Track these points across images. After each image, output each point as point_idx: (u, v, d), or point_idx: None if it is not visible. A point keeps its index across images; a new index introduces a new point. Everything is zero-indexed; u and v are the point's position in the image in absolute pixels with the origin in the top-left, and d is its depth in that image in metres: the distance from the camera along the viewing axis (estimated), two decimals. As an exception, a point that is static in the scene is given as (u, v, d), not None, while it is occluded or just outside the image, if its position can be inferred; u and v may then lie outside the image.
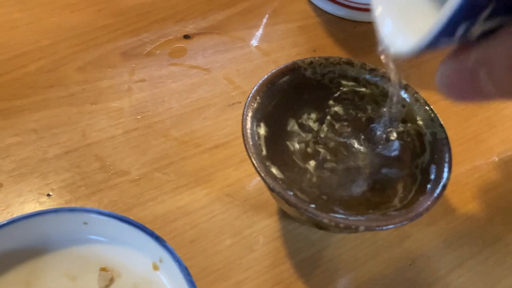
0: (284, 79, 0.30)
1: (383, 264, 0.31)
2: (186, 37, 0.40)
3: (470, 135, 0.37)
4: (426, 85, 0.35)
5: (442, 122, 0.29)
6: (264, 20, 0.42)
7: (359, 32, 0.43)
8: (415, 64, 0.41)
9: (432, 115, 0.29)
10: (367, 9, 0.43)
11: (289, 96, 0.30)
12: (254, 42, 0.41)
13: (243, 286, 0.29)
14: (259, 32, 0.41)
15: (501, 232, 0.33)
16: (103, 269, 0.27)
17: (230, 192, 0.32)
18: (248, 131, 0.27)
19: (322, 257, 0.30)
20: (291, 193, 0.26)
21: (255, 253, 0.30)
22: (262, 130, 0.28)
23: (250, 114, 0.28)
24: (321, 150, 0.31)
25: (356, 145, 0.31)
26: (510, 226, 0.33)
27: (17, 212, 0.30)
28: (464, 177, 0.35)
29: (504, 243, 0.33)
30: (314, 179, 0.29)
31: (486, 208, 0.34)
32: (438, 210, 0.33)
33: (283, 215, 0.32)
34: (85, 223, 0.26)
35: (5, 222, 0.25)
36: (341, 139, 0.31)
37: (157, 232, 0.30)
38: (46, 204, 0.30)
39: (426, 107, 0.29)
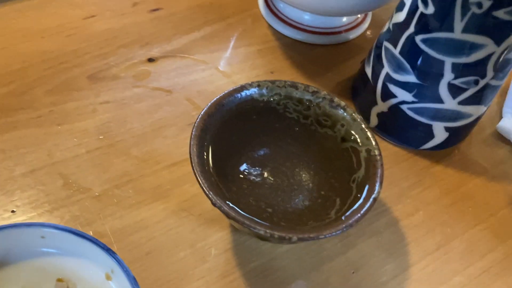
0: (233, 100, 0.32)
1: (327, 272, 0.33)
2: (151, 60, 0.42)
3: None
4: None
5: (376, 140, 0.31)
6: (227, 45, 0.45)
7: (315, 55, 0.45)
8: None
9: (368, 133, 0.32)
10: (322, 33, 0.46)
11: (237, 117, 0.32)
12: (216, 64, 0.43)
13: (194, 295, 0.31)
14: (221, 56, 0.44)
15: (441, 242, 0.35)
16: (59, 280, 0.29)
17: (186, 207, 0.34)
18: (195, 150, 0.29)
19: (270, 267, 0.32)
20: (234, 207, 0.28)
21: (207, 264, 0.32)
22: (209, 149, 0.30)
23: (198, 134, 0.30)
24: (268, 167, 0.33)
25: (300, 162, 0.33)
26: (449, 236, 0.36)
27: (-17, 227, 0.31)
28: (407, 191, 0.37)
29: (443, 252, 0.35)
30: (260, 194, 0.31)
31: (428, 220, 0.36)
32: (382, 221, 0.36)
33: (234, 229, 0.34)
34: (42, 237, 0.28)
35: (-34, 237, 0.27)
36: (286, 157, 0.33)
37: (115, 245, 0.32)
38: (10, 220, 0.32)
39: (363, 126, 0.32)
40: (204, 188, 0.27)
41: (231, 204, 0.28)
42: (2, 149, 0.35)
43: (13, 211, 0.33)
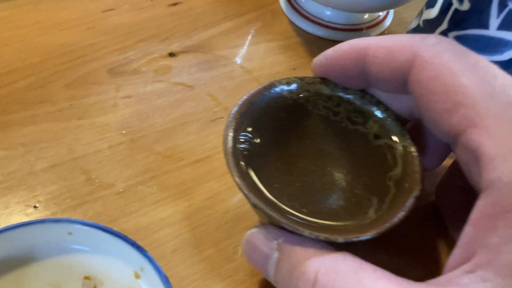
0: (263, 98, 0.32)
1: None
2: (171, 55, 0.42)
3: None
4: None
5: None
6: (247, 40, 0.44)
7: (337, 51, 0.44)
8: None
9: (403, 130, 0.31)
10: (345, 29, 0.45)
11: (266, 115, 0.32)
12: (237, 60, 0.42)
13: (222, 294, 0.30)
14: (242, 51, 0.43)
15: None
16: (86, 278, 0.28)
17: (210, 205, 0.33)
18: (229, 149, 0.28)
19: (298, 267, 0.32)
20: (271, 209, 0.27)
21: (234, 262, 0.31)
22: (243, 147, 0.30)
23: (231, 134, 0.29)
24: (298, 166, 0.32)
25: (331, 160, 0.32)
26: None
27: (4, 223, 0.31)
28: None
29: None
30: (293, 194, 0.30)
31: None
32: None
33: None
34: (70, 233, 0.27)
35: (-9, 232, 0.26)
36: (317, 156, 0.32)
37: (140, 243, 0.31)
38: (33, 215, 0.31)
39: (397, 122, 0.31)
40: (243, 190, 0.27)
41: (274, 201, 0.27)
42: (22, 143, 0.34)
43: (35, 207, 0.32)
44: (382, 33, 0.47)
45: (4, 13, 0.42)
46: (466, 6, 0.31)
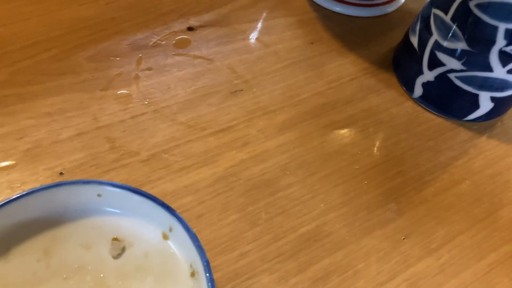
0: None
1: (378, 238, 0.33)
2: (190, 29, 0.42)
3: (460, 122, 0.40)
4: None
5: None
6: (264, 14, 0.44)
7: (354, 27, 0.45)
8: None
9: None
10: (361, 5, 0.45)
11: None
12: (255, 34, 0.43)
13: (248, 257, 0.30)
14: (260, 25, 0.43)
15: (489, 210, 0.35)
16: (115, 239, 0.28)
17: (234, 172, 0.34)
18: None
19: (321, 232, 0.32)
20: None
21: (259, 227, 0.32)
22: None
23: None
24: None
25: None
26: (497, 205, 0.35)
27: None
28: (453, 161, 0.37)
29: (492, 220, 0.35)
30: None
31: (474, 189, 0.36)
32: (430, 190, 0.35)
33: (284, 194, 0.33)
34: (99, 195, 0.28)
35: (25, 192, 0.27)
36: None
37: (166, 208, 0.32)
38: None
39: None
40: None
41: None
42: (48, 112, 0.35)
43: (61, 173, 0.32)
44: (399, 9, 0.47)
45: (25, -12, 0.42)
46: (489, -27, 0.32)
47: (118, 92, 0.37)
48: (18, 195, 0.26)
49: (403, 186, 0.35)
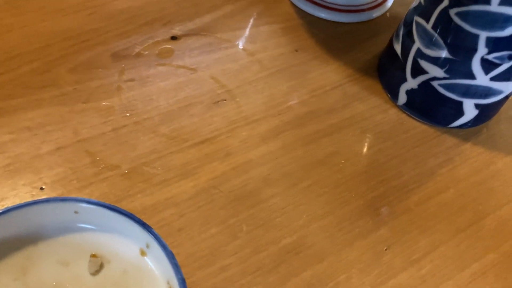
0: None
1: (360, 249, 0.32)
2: (173, 38, 0.42)
3: (445, 128, 0.39)
4: None
5: None
6: (249, 22, 0.44)
7: (339, 33, 0.45)
8: None
9: None
10: (347, 10, 0.45)
11: None
12: (239, 43, 0.42)
13: (228, 271, 0.30)
14: (244, 34, 0.43)
15: (472, 219, 0.35)
16: (93, 256, 0.28)
17: (215, 184, 0.34)
18: None
19: (302, 244, 0.32)
20: None
21: (239, 240, 0.32)
22: None
23: None
24: None
25: None
26: (480, 213, 0.35)
27: (11, 204, 0.31)
28: (437, 168, 0.37)
29: (475, 229, 0.34)
30: None
31: (459, 197, 0.36)
32: (413, 199, 0.35)
33: (265, 206, 0.33)
34: (76, 212, 0.28)
35: (0, 211, 0.27)
36: None
37: (146, 222, 0.31)
38: (39, 197, 0.32)
39: None
40: None
41: None
42: (28, 126, 0.35)
43: (41, 188, 0.32)
44: (385, 14, 0.47)
45: (7, 0, 0.42)
46: (467, -19, 0.31)
47: (100, 104, 0.37)
48: (-8, 214, 0.26)
49: (386, 195, 0.35)
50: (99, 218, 0.28)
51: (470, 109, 0.37)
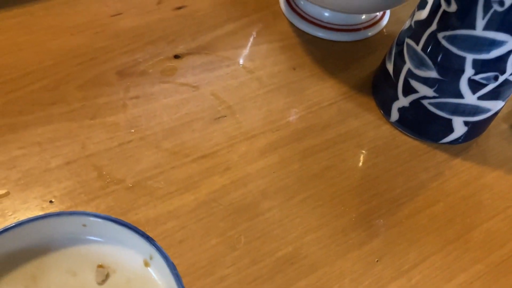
0: None
1: (352, 260, 0.34)
2: (177, 57, 0.44)
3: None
4: None
5: None
6: (249, 41, 0.46)
7: (336, 51, 0.46)
8: None
9: None
10: (343, 30, 0.47)
11: None
12: (239, 60, 0.44)
13: (226, 281, 0.32)
14: (244, 52, 0.45)
15: (461, 231, 0.36)
16: (100, 266, 0.30)
17: (215, 197, 0.36)
18: None
19: (297, 255, 0.34)
20: None
21: (237, 251, 0.33)
22: None
23: None
24: None
25: None
26: (469, 226, 0.37)
27: (22, 217, 0.33)
28: (428, 182, 0.39)
29: (463, 241, 0.36)
30: None
31: (448, 210, 0.37)
32: (404, 212, 0.37)
33: (263, 218, 0.35)
34: (84, 225, 0.30)
35: (13, 224, 0.28)
36: None
37: (149, 234, 0.33)
38: (49, 209, 0.34)
39: None
40: None
41: None
42: (38, 142, 0.37)
43: (51, 201, 0.34)
44: (380, 33, 0.49)
45: (18, 19, 0.44)
46: (453, 8, 0.33)
47: (106, 120, 0.39)
48: (6, 227, 0.28)
49: (378, 209, 0.37)
50: (105, 231, 0.30)
51: (459, 126, 0.39)
